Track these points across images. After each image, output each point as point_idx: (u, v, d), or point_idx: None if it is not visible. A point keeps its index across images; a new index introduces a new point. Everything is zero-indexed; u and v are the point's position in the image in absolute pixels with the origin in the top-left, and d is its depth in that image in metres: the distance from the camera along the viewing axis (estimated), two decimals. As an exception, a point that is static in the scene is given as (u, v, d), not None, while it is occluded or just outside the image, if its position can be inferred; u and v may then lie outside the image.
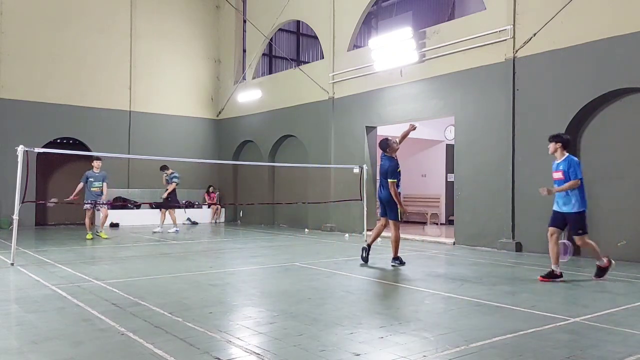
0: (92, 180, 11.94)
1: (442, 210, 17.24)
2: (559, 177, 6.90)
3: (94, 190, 11.93)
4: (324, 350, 3.83)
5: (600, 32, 8.97)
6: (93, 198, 11.91)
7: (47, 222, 16.51)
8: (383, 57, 12.88)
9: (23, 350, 3.78)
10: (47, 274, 7.06)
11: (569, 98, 9.42)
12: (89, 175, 11.95)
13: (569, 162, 6.75)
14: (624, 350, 3.85)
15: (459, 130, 11.46)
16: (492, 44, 10.64)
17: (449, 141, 16.43)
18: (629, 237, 8.75)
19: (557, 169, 6.93)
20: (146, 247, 10.72)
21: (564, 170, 6.81)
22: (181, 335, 4.15)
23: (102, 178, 12.06)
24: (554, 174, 7.03)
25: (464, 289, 6.20)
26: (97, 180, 11.98)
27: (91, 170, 12.01)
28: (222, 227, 16.63)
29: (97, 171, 12.03)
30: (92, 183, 11.92)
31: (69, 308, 5.09)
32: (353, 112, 13.95)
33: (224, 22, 19.37)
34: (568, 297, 6.15)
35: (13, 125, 15.07)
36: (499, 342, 4.02)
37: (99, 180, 12.02)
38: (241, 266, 8.19)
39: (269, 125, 17.07)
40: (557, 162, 6.92)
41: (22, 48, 15.43)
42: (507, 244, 10.13)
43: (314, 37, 18.06)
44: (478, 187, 10.89)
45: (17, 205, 7.90)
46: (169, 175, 14.23)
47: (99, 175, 12.04)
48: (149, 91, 17.78)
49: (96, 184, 11.96)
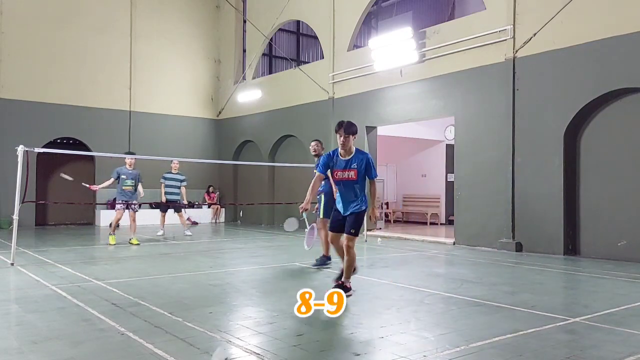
0: (125, 177, 10.74)
1: (442, 210, 17.24)
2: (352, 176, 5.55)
3: (125, 190, 10.75)
4: (324, 350, 3.83)
5: (600, 32, 8.97)
6: (125, 198, 10.79)
7: (47, 222, 16.51)
8: (383, 57, 12.88)
9: (23, 350, 3.78)
10: (47, 274, 7.06)
11: (569, 98, 9.42)
12: (121, 172, 10.75)
13: (368, 158, 5.45)
14: (624, 350, 3.84)
15: (459, 130, 11.46)
16: (492, 44, 10.63)
17: (449, 141, 16.43)
18: (629, 237, 8.75)
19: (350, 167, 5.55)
20: (146, 247, 10.71)
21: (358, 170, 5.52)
22: (181, 335, 4.15)
23: (136, 177, 10.90)
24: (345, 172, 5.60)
25: (464, 289, 6.19)
26: (129, 178, 10.78)
27: (124, 167, 10.82)
28: (222, 227, 16.62)
29: (130, 168, 10.84)
30: (124, 181, 10.74)
31: (69, 308, 5.09)
32: (353, 112, 13.93)
33: (224, 22, 19.37)
34: (568, 297, 6.15)
35: (13, 125, 15.06)
36: (499, 342, 4.02)
37: (132, 178, 10.80)
38: (241, 266, 8.18)
39: (269, 125, 17.07)
40: (347, 158, 5.47)
41: (22, 48, 15.43)
42: (507, 244, 10.12)
43: (314, 37, 18.05)
44: (478, 187, 10.89)
45: (17, 205, 7.90)
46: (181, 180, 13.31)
47: (132, 173, 10.84)
48: (149, 91, 17.77)
49: (129, 182, 10.76)
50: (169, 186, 12.88)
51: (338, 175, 5.52)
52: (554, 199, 9.54)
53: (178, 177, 12.99)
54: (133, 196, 10.86)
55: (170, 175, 12.95)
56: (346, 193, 5.55)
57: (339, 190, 5.66)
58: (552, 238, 9.53)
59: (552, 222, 9.53)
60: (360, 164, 5.44)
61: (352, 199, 5.54)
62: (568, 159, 9.52)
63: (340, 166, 5.50)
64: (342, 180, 5.51)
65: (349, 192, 5.54)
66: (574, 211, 9.54)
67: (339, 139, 5.42)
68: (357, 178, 5.46)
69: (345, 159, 5.47)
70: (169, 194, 12.88)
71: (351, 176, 5.45)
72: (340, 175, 5.50)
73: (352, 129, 5.43)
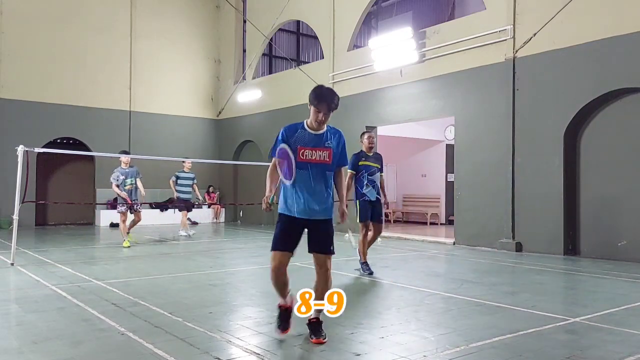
0: (124, 177, 10.44)
1: (442, 210, 17.24)
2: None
3: (127, 189, 10.44)
4: (324, 350, 3.83)
5: (600, 32, 8.97)
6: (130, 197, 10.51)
7: (47, 222, 16.51)
8: (383, 57, 12.88)
9: (23, 350, 3.78)
10: (47, 274, 7.06)
11: (569, 98, 9.42)
12: (122, 173, 10.47)
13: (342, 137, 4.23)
14: (624, 350, 3.84)
15: (459, 130, 11.46)
16: (492, 44, 10.63)
17: (449, 141, 16.43)
18: (629, 237, 8.75)
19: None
20: (146, 247, 10.71)
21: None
22: (181, 335, 4.15)
23: (134, 174, 10.53)
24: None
25: (464, 289, 6.20)
26: (129, 177, 10.47)
27: (120, 167, 10.53)
28: (222, 227, 16.63)
29: (127, 167, 10.54)
30: (124, 181, 10.44)
31: (69, 308, 5.09)
32: (353, 112, 13.94)
33: (224, 22, 19.37)
34: (568, 297, 6.15)
35: (13, 125, 15.06)
36: (499, 342, 4.02)
37: (131, 176, 10.47)
38: (241, 266, 8.19)
39: (269, 125, 17.05)
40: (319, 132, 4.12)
41: (22, 48, 15.43)
42: (507, 244, 10.12)
43: (314, 37, 18.05)
44: (478, 187, 10.89)
45: (17, 205, 7.91)
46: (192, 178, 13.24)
47: (130, 171, 10.52)
48: (149, 91, 17.77)
49: (128, 182, 10.46)
50: (183, 185, 12.94)
51: (305, 155, 3.90)
52: (554, 199, 9.54)
53: (190, 175, 13.08)
54: (135, 194, 10.56)
55: (184, 174, 12.98)
56: (315, 183, 3.93)
57: (299, 178, 3.90)
58: (552, 238, 9.53)
59: (552, 222, 9.53)
60: (337, 143, 4.03)
61: (322, 193, 3.96)
62: (568, 158, 9.52)
63: (309, 142, 3.93)
64: (311, 163, 3.91)
65: (319, 182, 3.95)
66: (574, 211, 9.54)
67: (318, 115, 3.93)
68: (332, 162, 3.99)
69: (316, 133, 3.98)
70: (184, 193, 12.94)
71: (324, 158, 3.94)
72: (309, 155, 3.91)
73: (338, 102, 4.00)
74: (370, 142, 7.47)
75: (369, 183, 7.31)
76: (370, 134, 7.59)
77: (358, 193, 7.35)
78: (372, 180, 7.33)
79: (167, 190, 17.00)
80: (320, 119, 3.94)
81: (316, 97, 3.96)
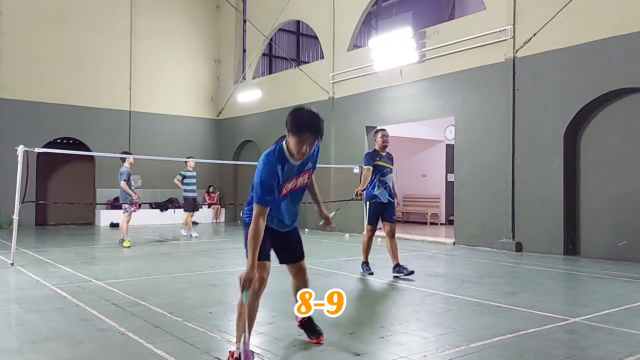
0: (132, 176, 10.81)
1: (442, 210, 17.24)
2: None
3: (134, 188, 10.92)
4: (324, 350, 3.83)
5: (600, 32, 8.97)
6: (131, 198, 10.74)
7: (47, 222, 16.51)
8: (383, 57, 12.88)
9: (23, 350, 3.78)
10: (47, 274, 7.06)
11: (569, 98, 9.42)
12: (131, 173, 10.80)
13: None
14: (624, 350, 3.85)
15: (459, 130, 11.46)
16: (492, 44, 10.63)
17: (449, 141, 16.43)
18: (629, 237, 8.75)
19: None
20: (146, 247, 10.71)
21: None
22: (181, 335, 4.15)
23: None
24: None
25: (464, 289, 6.20)
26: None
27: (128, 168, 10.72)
28: (222, 227, 16.63)
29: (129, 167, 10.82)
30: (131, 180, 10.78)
31: (69, 308, 5.09)
32: (353, 112, 13.95)
33: (224, 22, 19.37)
34: (568, 297, 6.15)
35: (13, 125, 15.05)
36: (499, 342, 4.02)
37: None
38: (241, 266, 8.14)
39: (269, 125, 17.05)
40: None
41: (22, 48, 15.43)
42: (507, 244, 10.12)
43: (314, 37, 18.05)
44: (478, 187, 10.89)
45: (17, 205, 7.91)
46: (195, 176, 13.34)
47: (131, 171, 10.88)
48: (149, 91, 17.77)
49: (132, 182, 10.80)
50: (190, 184, 12.91)
51: (288, 189, 3.56)
52: (554, 199, 9.54)
53: (194, 173, 13.07)
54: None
55: (190, 173, 12.93)
56: (293, 206, 3.73)
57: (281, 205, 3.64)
58: (552, 238, 9.53)
59: (552, 222, 9.54)
60: (315, 158, 3.74)
61: (297, 211, 3.80)
62: (568, 159, 9.52)
63: (292, 174, 3.55)
64: (292, 192, 3.61)
65: (297, 202, 3.75)
66: (574, 211, 9.54)
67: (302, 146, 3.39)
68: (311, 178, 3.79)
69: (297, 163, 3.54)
70: (191, 192, 12.93)
71: (304, 181, 3.69)
72: (292, 186, 3.58)
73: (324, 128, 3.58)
74: (384, 140, 7.09)
75: (381, 184, 7.01)
76: (384, 132, 7.20)
77: (369, 195, 7.05)
78: (385, 181, 7.02)
79: (167, 190, 17.11)
80: (304, 150, 3.40)
81: (297, 126, 3.40)
